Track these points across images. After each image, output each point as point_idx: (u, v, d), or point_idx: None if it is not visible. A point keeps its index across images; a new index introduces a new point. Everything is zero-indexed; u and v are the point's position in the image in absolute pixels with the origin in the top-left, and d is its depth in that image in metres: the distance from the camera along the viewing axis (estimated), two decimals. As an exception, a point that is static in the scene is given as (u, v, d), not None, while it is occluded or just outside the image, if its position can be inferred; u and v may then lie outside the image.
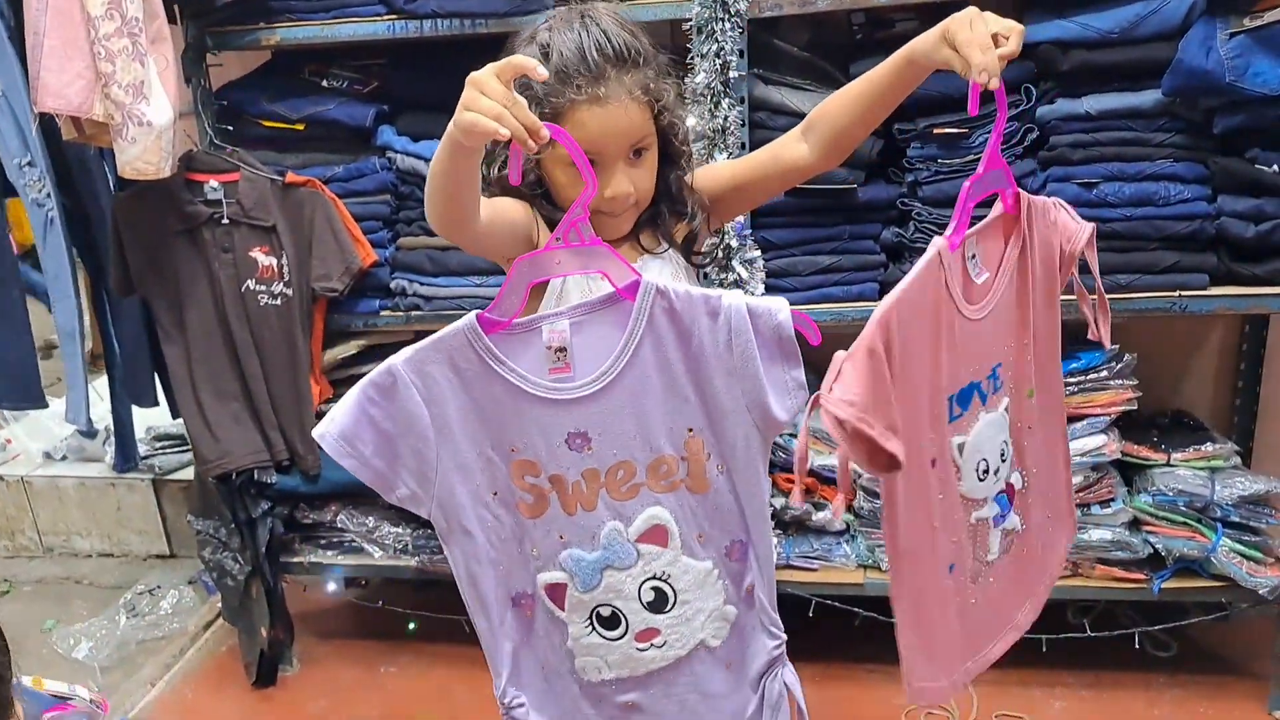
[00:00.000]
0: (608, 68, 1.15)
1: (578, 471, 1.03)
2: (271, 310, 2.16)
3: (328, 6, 2.04)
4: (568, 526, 1.05)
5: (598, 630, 1.08)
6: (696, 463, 1.06)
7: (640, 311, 1.02)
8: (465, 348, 0.99)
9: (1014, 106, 1.91)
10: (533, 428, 1.02)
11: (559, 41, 1.17)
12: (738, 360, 1.02)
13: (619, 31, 1.18)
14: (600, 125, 1.15)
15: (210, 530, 2.27)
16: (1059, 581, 2.05)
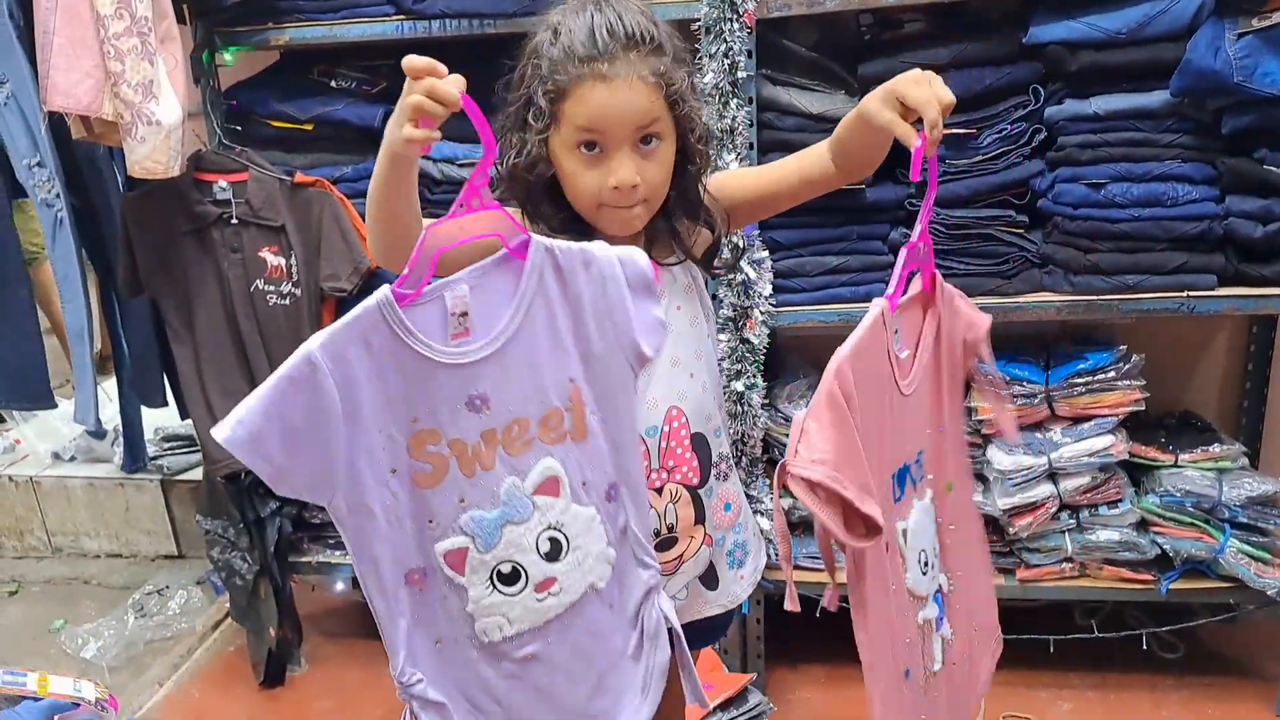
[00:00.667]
0: (616, 46, 1.14)
1: (477, 433, 1.05)
2: (280, 310, 2.16)
3: (336, 7, 2.05)
4: (468, 489, 1.05)
5: (498, 588, 1.08)
6: (578, 411, 1.09)
7: (531, 269, 1.04)
8: (379, 323, 0.98)
9: (1022, 107, 1.91)
10: (437, 395, 1.02)
11: (570, 22, 1.17)
12: (610, 304, 1.08)
13: (634, 15, 1.17)
14: (603, 102, 1.14)
15: (219, 530, 2.27)
16: (1067, 582, 2.07)
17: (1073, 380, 2.01)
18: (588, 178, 1.19)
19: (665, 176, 1.22)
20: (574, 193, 1.21)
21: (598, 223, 1.23)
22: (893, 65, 1.92)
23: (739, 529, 1.40)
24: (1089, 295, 1.93)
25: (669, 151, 1.21)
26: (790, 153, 1.94)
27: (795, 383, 2.23)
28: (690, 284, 1.31)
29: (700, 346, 1.32)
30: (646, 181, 1.19)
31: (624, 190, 1.18)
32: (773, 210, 1.39)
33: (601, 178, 1.18)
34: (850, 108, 1.91)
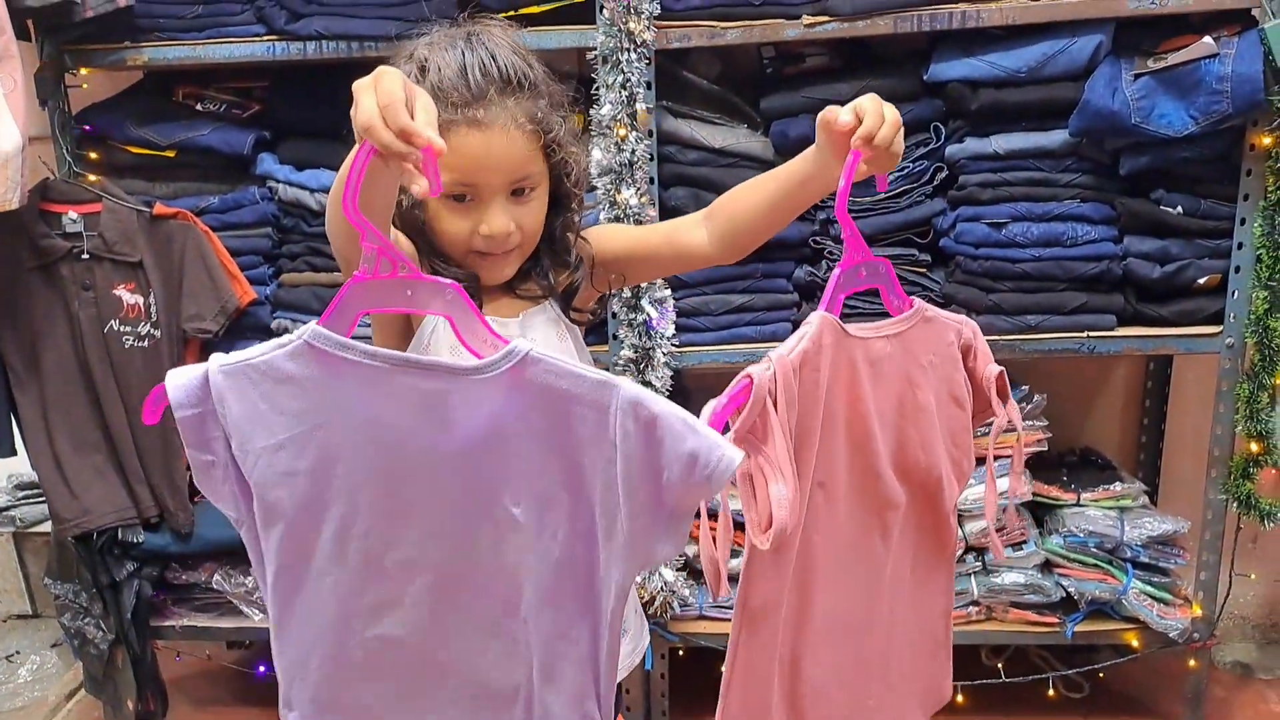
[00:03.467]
0: (490, 89, 1.05)
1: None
2: (138, 353, 1.97)
3: (201, 25, 1.89)
4: None
5: None
6: None
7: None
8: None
9: (923, 145, 1.88)
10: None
11: (439, 58, 1.06)
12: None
13: (508, 54, 1.08)
14: (478, 152, 1.04)
15: (69, 595, 2.06)
16: (974, 625, 2.04)
17: (976, 421, 1.98)
18: (457, 225, 1.09)
19: (539, 222, 1.14)
20: (442, 240, 1.11)
21: (468, 267, 1.14)
22: (794, 100, 1.88)
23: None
24: (991, 335, 1.90)
25: (543, 197, 1.14)
26: (690, 186, 1.90)
27: (698, 424, 2.14)
28: (557, 320, 1.21)
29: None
30: (523, 229, 1.11)
31: (498, 239, 1.09)
32: (643, 275, 1.32)
33: (472, 225, 1.09)
34: (753, 141, 1.90)
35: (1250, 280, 1.83)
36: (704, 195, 1.90)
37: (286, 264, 2.03)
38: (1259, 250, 1.81)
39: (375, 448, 0.86)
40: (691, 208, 1.87)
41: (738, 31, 1.81)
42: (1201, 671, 2.03)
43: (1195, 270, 1.86)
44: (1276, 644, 2.39)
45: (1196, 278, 1.86)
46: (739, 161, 1.90)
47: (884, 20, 1.79)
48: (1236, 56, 1.72)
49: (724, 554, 0.93)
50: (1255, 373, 1.85)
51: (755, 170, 1.87)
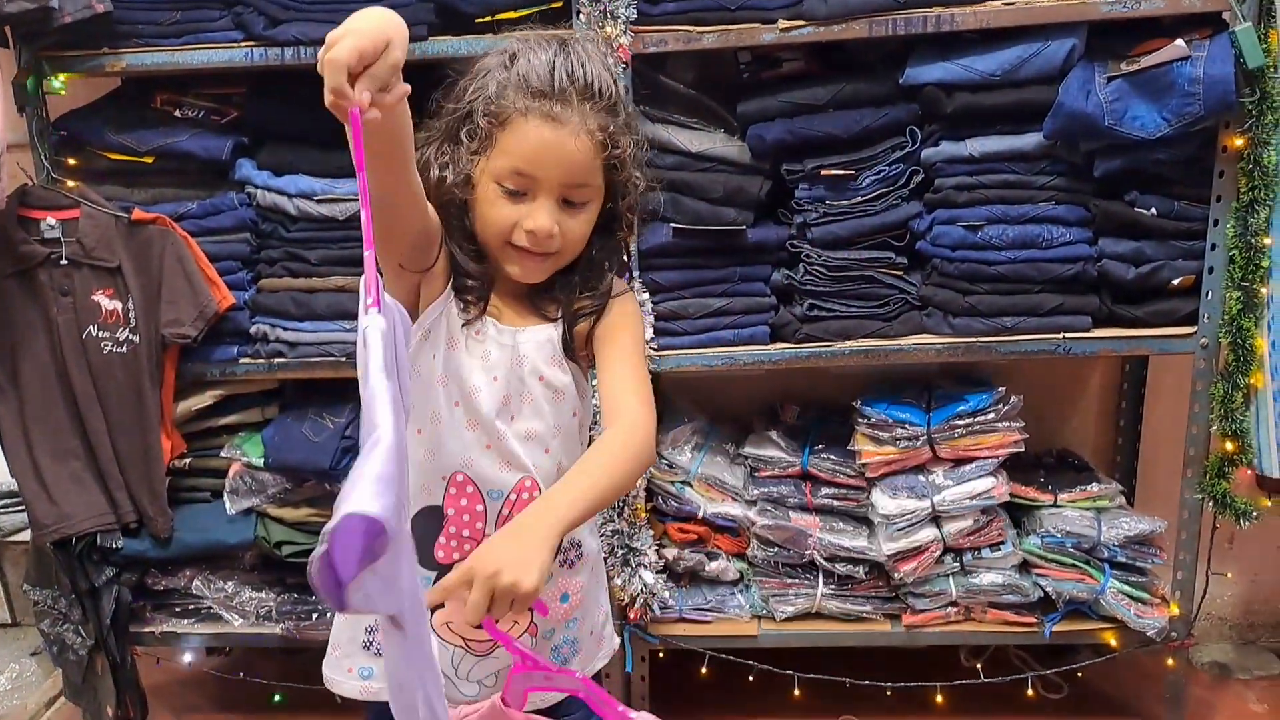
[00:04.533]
0: (572, 92, 1.08)
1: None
2: (116, 359, 1.97)
3: (180, 31, 1.89)
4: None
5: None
6: None
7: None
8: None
9: (899, 148, 1.89)
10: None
11: (531, 53, 1.10)
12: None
13: (597, 66, 1.11)
14: (542, 143, 1.07)
15: (48, 601, 2.05)
16: (952, 626, 2.05)
17: (953, 422, 1.99)
18: (505, 211, 1.11)
19: (583, 237, 1.15)
20: (484, 222, 1.13)
21: (501, 261, 1.16)
22: (771, 104, 1.89)
23: (573, 625, 1.28)
24: (968, 337, 1.92)
25: (592, 213, 1.15)
26: (668, 191, 1.91)
27: (679, 428, 2.15)
28: (556, 354, 1.20)
29: (561, 421, 1.21)
30: (564, 236, 1.12)
31: (539, 237, 1.10)
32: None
33: (518, 216, 1.10)
34: (730, 146, 1.91)
35: (1224, 281, 1.84)
36: (681, 199, 1.91)
37: (265, 269, 2.03)
38: (1231, 251, 1.83)
39: None
40: (669, 211, 1.91)
41: (714, 35, 1.82)
42: (1180, 671, 2.04)
43: (1169, 271, 1.87)
44: (1253, 644, 2.40)
45: (1171, 279, 1.88)
46: (716, 166, 1.91)
47: (859, 24, 1.80)
48: (1208, 59, 1.73)
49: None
50: (1229, 372, 1.87)
51: (733, 174, 1.91)
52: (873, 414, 2.01)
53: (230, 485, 2.07)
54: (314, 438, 2.04)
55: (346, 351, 2.00)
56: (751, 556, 2.09)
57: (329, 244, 1.99)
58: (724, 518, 2.08)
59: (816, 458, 2.08)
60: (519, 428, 1.18)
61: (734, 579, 2.12)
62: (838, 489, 2.07)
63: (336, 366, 2.01)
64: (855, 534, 2.04)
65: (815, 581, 2.07)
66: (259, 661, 2.34)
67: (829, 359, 1.95)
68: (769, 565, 2.08)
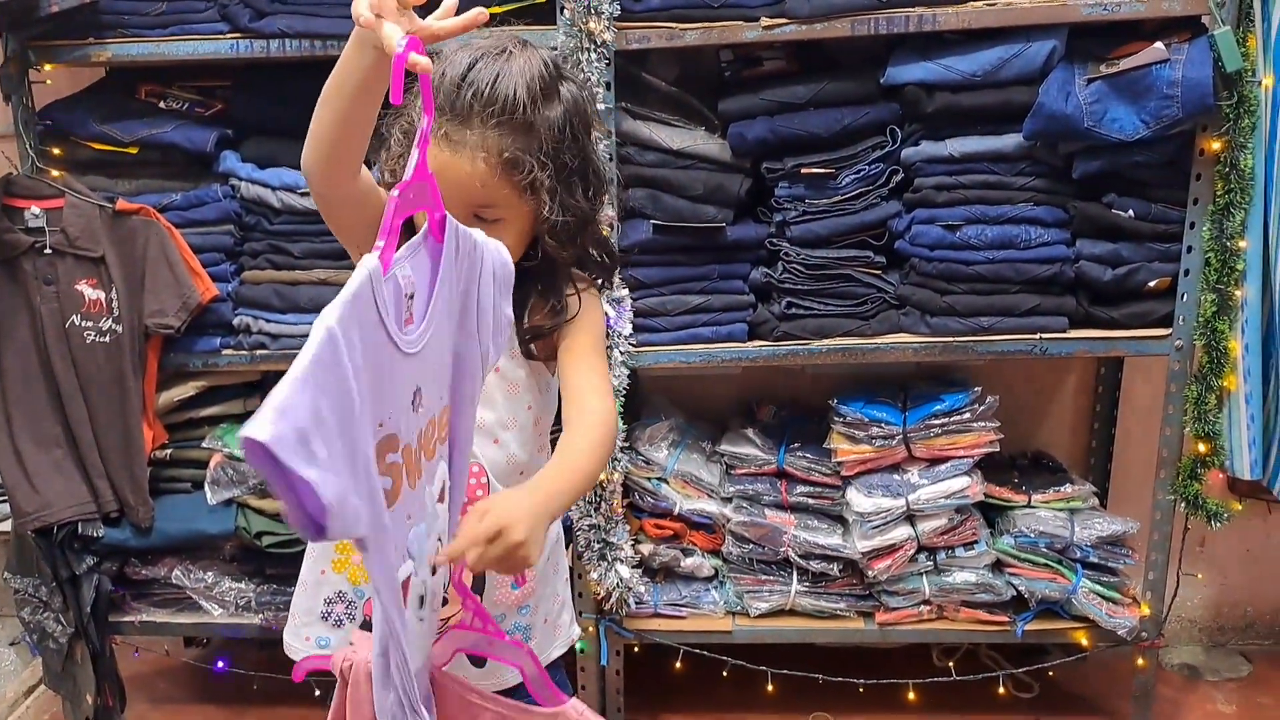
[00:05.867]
0: (474, 108, 1.06)
1: (415, 435, 0.89)
2: (99, 348, 1.98)
3: (165, 22, 1.90)
4: (413, 502, 0.90)
5: (418, 614, 0.95)
6: (449, 411, 0.98)
7: (448, 252, 0.91)
8: (370, 299, 0.79)
9: (880, 148, 1.90)
10: (397, 392, 0.85)
11: (456, 58, 1.08)
12: (486, 297, 0.97)
13: (514, 80, 1.06)
14: (437, 164, 1.03)
15: (29, 589, 2.06)
16: (925, 624, 2.06)
17: (929, 422, 2.00)
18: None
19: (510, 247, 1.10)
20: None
21: None
22: (752, 102, 1.90)
23: (525, 611, 1.28)
24: (945, 337, 1.93)
25: (515, 229, 1.12)
26: (648, 187, 1.91)
27: (656, 424, 2.16)
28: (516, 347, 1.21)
29: (515, 414, 1.22)
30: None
31: None
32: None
33: None
34: (711, 144, 1.92)
35: (1199, 283, 1.86)
36: (661, 196, 1.92)
37: (248, 261, 2.04)
38: (1208, 254, 1.84)
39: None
40: (650, 208, 1.91)
41: (696, 33, 1.83)
42: (1149, 671, 2.05)
43: (1146, 273, 1.89)
44: (1222, 646, 2.42)
45: (1147, 281, 1.89)
46: (696, 163, 1.92)
47: (841, 23, 1.81)
48: (1187, 62, 1.75)
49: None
50: (1203, 375, 1.88)
51: (713, 172, 1.92)
52: (849, 413, 2.02)
53: (211, 476, 2.08)
54: (295, 429, 2.05)
55: (328, 343, 2.00)
56: (726, 553, 2.10)
57: (312, 237, 1.99)
58: (700, 514, 2.09)
59: (792, 456, 2.09)
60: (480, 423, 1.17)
61: (709, 575, 2.14)
62: (813, 487, 2.08)
63: (318, 358, 2.01)
64: (830, 532, 2.06)
65: (789, 578, 2.09)
66: (239, 652, 2.35)
67: (806, 357, 1.96)
68: (744, 562, 2.09)
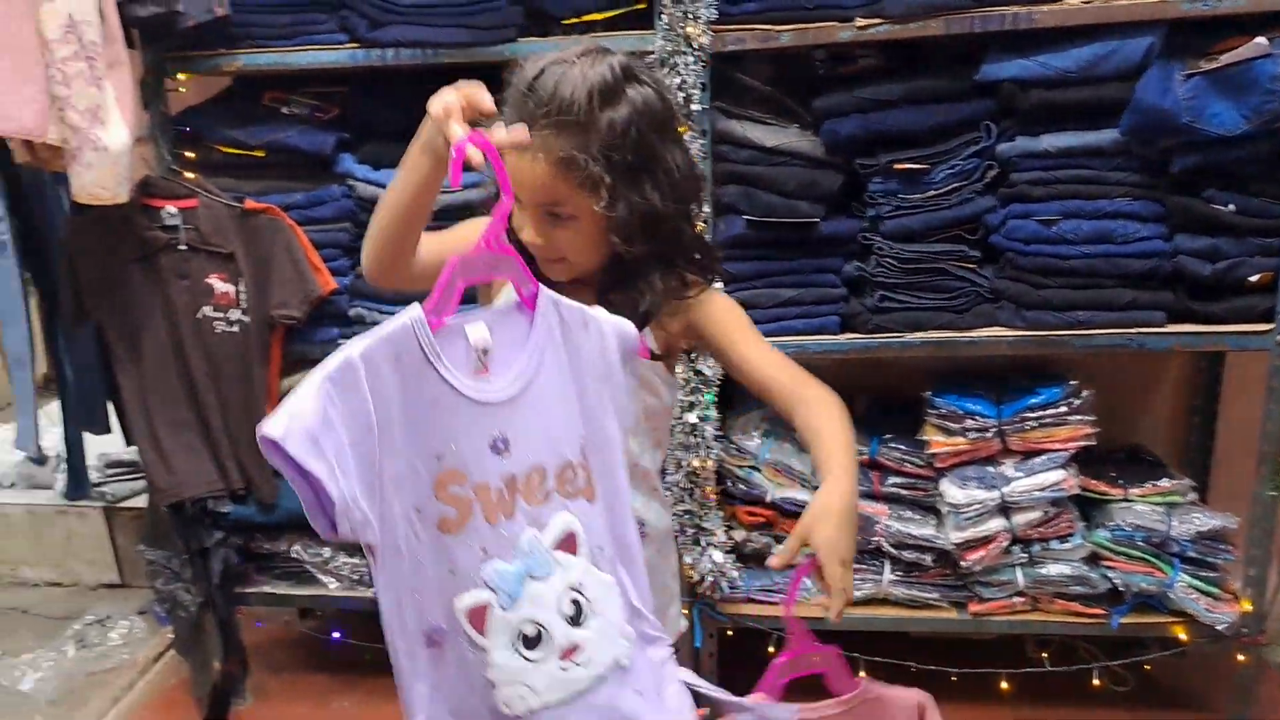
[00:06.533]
0: (538, 111, 1.12)
1: (499, 478, 0.98)
2: (228, 338, 2.12)
3: (290, 34, 2.03)
4: (490, 537, 0.98)
5: (521, 652, 0.99)
6: (588, 472, 1.04)
7: (542, 319, 1.02)
8: (411, 339, 0.93)
9: (974, 143, 1.93)
10: (461, 432, 0.96)
11: (530, 64, 1.16)
12: (607, 367, 1.05)
13: (577, 82, 1.12)
14: (512, 168, 1.10)
15: (162, 560, 2.22)
16: (1018, 616, 2.08)
17: (1024, 415, 2.02)
18: (517, 220, 1.19)
19: (584, 248, 1.19)
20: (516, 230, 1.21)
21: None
22: (846, 100, 1.94)
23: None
24: (1040, 330, 1.95)
25: (587, 227, 1.17)
26: (741, 184, 1.97)
27: (749, 414, 2.22)
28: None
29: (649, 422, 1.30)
30: (554, 247, 1.18)
31: (529, 246, 1.18)
32: (728, 372, 1.32)
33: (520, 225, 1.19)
34: (804, 141, 1.97)
35: (1302, 277, 1.84)
36: (755, 193, 1.97)
37: (363, 256, 2.16)
38: (1311, 247, 1.82)
39: None
40: (743, 204, 1.97)
41: (792, 34, 1.88)
42: (1251, 667, 2.03)
43: (1247, 268, 1.87)
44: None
45: (1248, 275, 1.87)
46: (790, 160, 1.97)
47: (936, 22, 1.84)
48: (1290, 56, 1.73)
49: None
50: (1307, 370, 1.86)
51: (806, 168, 1.96)
52: (943, 405, 2.05)
53: (328, 458, 2.20)
54: (405, 415, 2.16)
55: (437, 335, 2.11)
56: (820, 541, 2.14)
57: (423, 233, 2.10)
58: (791, 502, 2.14)
59: (885, 447, 2.13)
60: None
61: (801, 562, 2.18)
62: (906, 478, 2.11)
63: (427, 349, 2.12)
64: (923, 523, 2.09)
65: (882, 568, 2.12)
66: (350, 624, 2.48)
67: (899, 349, 1.99)
68: (837, 550, 2.13)
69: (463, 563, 0.97)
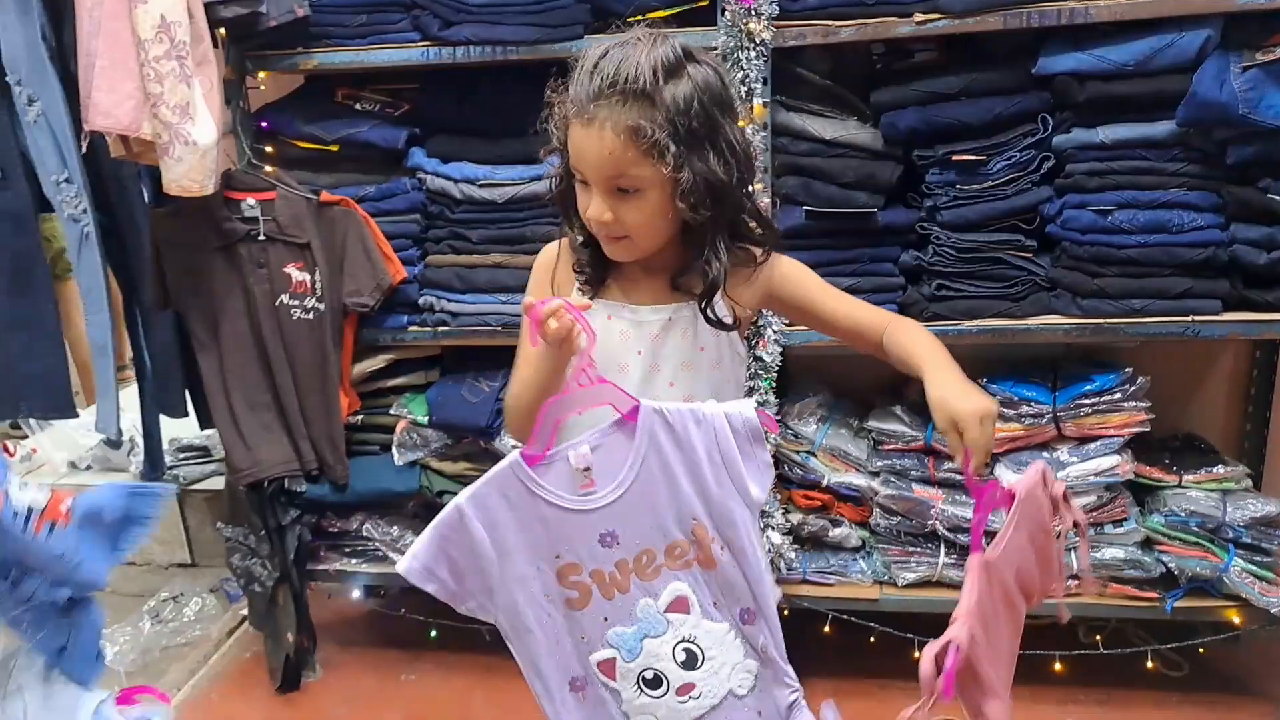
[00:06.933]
0: (605, 91, 1.17)
1: (611, 563, 1.20)
2: (304, 324, 2.21)
3: (365, 33, 2.11)
4: (609, 609, 1.21)
5: (645, 691, 1.23)
6: (703, 544, 1.20)
7: (642, 430, 1.17)
8: (512, 480, 1.15)
9: (1030, 135, 1.96)
10: (574, 536, 1.19)
11: (590, 54, 1.22)
12: (724, 455, 1.18)
13: (637, 61, 1.17)
14: (577, 143, 1.20)
15: (239, 537, 2.31)
16: (1072, 599, 2.11)
17: (1079, 401, 2.05)
18: (582, 200, 1.26)
19: (648, 219, 1.23)
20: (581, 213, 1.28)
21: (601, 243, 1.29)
22: (904, 93, 1.99)
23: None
24: (1096, 318, 1.98)
25: (654, 198, 1.21)
26: (801, 175, 2.02)
27: (805, 400, 2.27)
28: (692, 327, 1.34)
29: (721, 386, 1.37)
30: (623, 223, 1.23)
31: (595, 223, 1.24)
32: (802, 322, 1.45)
33: (586, 206, 1.25)
34: (862, 133, 2.02)
35: (1359, 267, 1.86)
36: (813, 184, 2.02)
37: (432, 247, 2.25)
38: (1368, 237, 1.84)
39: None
40: (802, 195, 2.02)
41: (851, 29, 1.93)
42: (1305, 652, 2.05)
43: (1303, 257, 1.89)
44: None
45: (1305, 264, 1.90)
46: (848, 152, 2.01)
47: (994, 17, 1.88)
48: (1348, 48, 1.75)
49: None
50: (1362, 358, 1.88)
51: (864, 160, 2.01)
52: (998, 392, 2.09)
53: (398, 440, 2.30)
54: (471, 399, 2.25)
55: (502, 322, 2.19)
56: (874, 525, 2.19)
57: (489, 224, 2.19)
58: (848, 487, 2.19)
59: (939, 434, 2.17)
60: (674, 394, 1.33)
61: (856, 546, 2.24)
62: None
63: (493, 335, 2.20)
64: (976, 507, 2.12)
65: (937, 551, 2.17)
66: (415, 601, 2.56)
67: (956, 337, 2.03)
68: (891, 534, 2.18)
69: (590, 630, 1.21)
